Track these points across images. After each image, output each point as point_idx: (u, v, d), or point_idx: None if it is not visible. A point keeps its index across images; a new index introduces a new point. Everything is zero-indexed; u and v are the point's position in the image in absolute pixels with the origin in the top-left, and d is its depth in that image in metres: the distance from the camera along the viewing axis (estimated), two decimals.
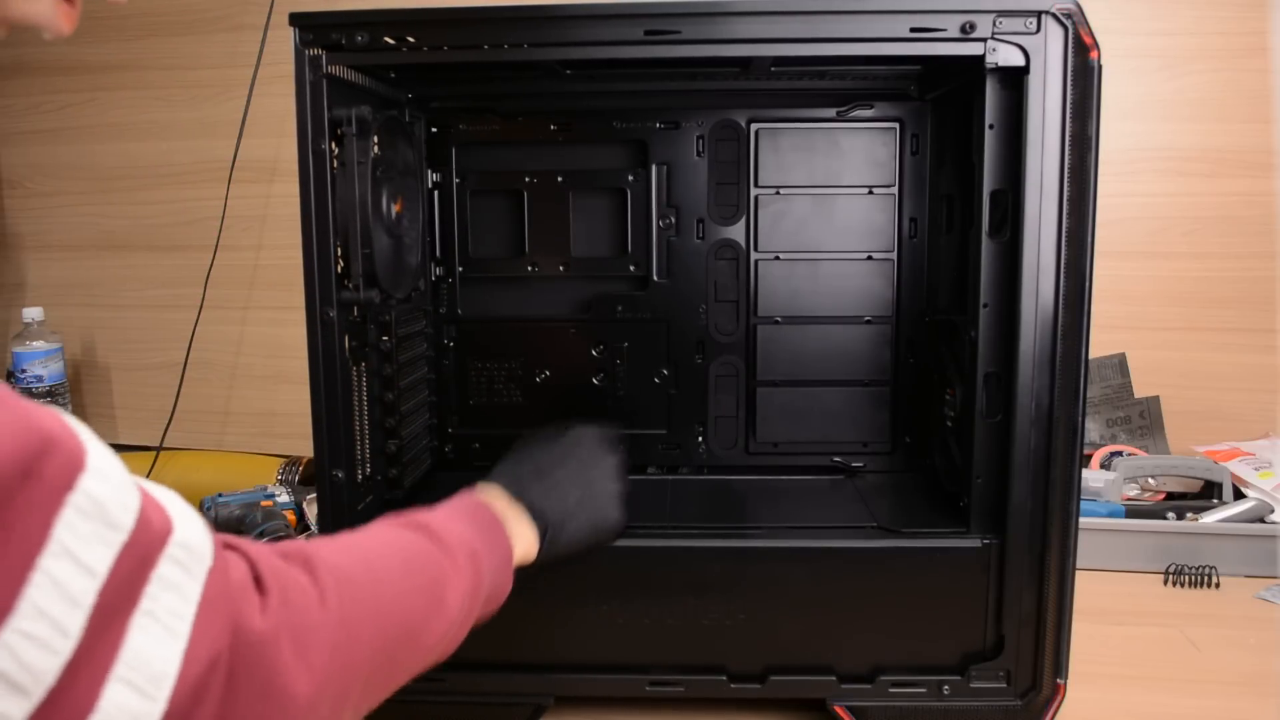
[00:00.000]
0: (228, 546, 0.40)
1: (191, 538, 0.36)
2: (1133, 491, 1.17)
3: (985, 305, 0.72)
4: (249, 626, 0.37)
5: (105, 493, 0.33)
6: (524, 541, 0.63)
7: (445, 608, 0.51)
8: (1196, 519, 1.07)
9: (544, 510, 0.65)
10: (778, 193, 0.91)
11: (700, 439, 0.95)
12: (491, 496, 0.64)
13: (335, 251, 0.73)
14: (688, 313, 0.93)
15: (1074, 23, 0.67)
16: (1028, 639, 0.73)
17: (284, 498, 1.21)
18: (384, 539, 0.52)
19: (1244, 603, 0.99)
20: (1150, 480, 1.18)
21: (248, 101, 1.34)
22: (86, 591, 0.31)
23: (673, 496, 0.88)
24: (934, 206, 0.90)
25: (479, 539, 0.57)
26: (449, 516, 0.58)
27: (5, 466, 0.29)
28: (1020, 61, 0.68)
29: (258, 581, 0.39)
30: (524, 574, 0.63)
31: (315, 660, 0.40)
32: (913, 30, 0.68)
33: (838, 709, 0.74)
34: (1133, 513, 1.10)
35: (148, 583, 0.34)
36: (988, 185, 0.72)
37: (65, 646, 0.30)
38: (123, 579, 0.33)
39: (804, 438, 0.94)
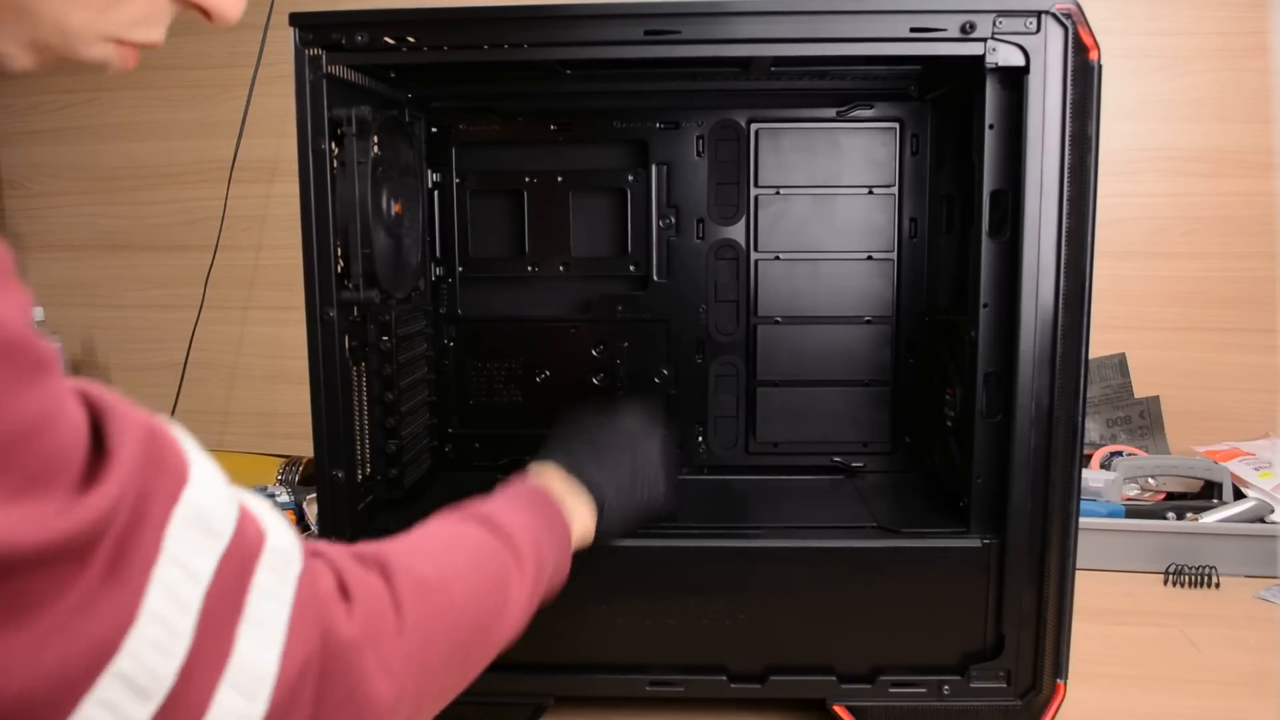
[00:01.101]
0: (314, 554, 0.41)
1: (284, 545, 0.38)
2: (1133, 491, 1.17)
3: (985, 305, 0.72)
4: (337, 632, 0.38)
5: (207, 504, 0.34)
6: (581, 521, 0.63)
7: (512, 603, 0.52)
8: (1196, 519, 1.07)
9: (601, 486, 0.66)
10: (778, 193, 0.91)
11: (700, 439, 0.95)
12: (549, 477, 0.64)
13: (335, 251, 0.73)
14: (688, 313, 0.93)
15: (1074, 23, 0.67)
16: (1028, 639, 0.73)
17: (284, 498, 1.21)
18: (452, 537, 0.53)
19: (1244, 603, 0.99)
20: (1150, 480, 1.18)
21: (248, 101, 1.34)
22: (193, 597, 0.33)
23: None
24: (934, 206, 0.90)
25: (542, 529, 0.58)
26: (511, 507, 0.58)
27: (126, 485, 0.31)
28: (1020, 61, 0.68)
29: (343, 589, 0.41)
30: (581, 555, 0.64)
31: (395, 666, 0.41)
32: (913, 30, 0.68)
33: (838, 709, 0.74)
34: (1133, 513, 1.10)
35: (249, 591, 0.35)
36: (988, 185, 0.72)
37: (179, 649, 0.32)
38: (225, 586, 0.34)
39: (804, 438, 0.94)
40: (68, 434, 0.30)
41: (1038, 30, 0.67)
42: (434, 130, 0.92)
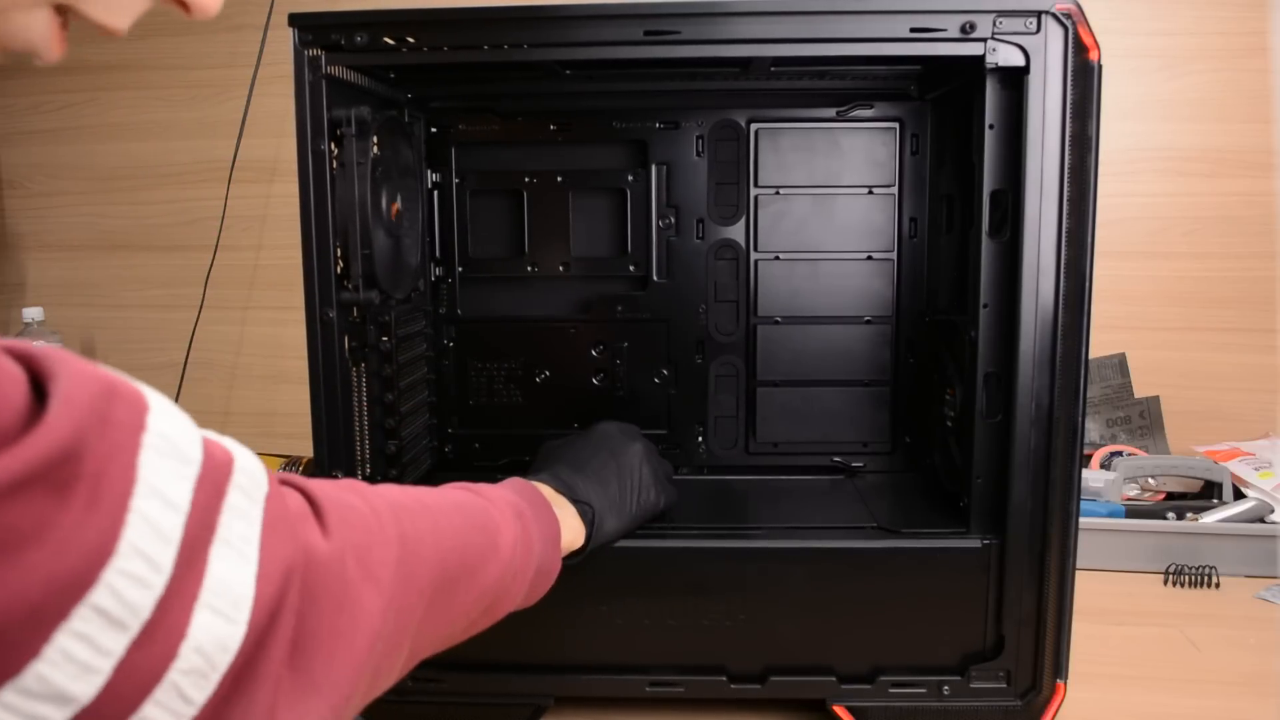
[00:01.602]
0: (282, 482, 0.42)
1: (251, 465, 0.38)
2: (1133, 491, 1.17)
3: (985, 305, 0.72)
4: (315, 546, 0.39)
5: (173, 430, 0.34)
6: (570, 529, 0.64)
7: (499, 550, 0.53)
8: (1196, 519, 1.07)
9: (589, 498, 0.67)
10: (778, 193, 0.91)
11: (700, 439, 0.95)
12: (537, 487, 0.65)
13: (335, 252, 0.73)
14: (688, 313, 0.93)
15: (1074, 23, 0.67)
16: (1028, 639, 0.73)
17: None
18: (431, 489, 0.53)
19: (1244, 603, 0.99)
20: (1150, 480, 1.18)
21: (248, 101, 1.34)
22: (175, 527, 0.32)
23: None
24: (934, 206, 0.90)
25: (526, 506, 0.59)
26: (494, 486, 0.59)
27: (84, 415, 0.30)
28: (1020, 61, 0.68)
29: (315, 508, 0.41)
30: (575, 564, 0.65)
31: (381, 574, 0.41)
32: (913, 30, 0.68)
33: (838, 709, 0.74)
34: (1133, 513, 1.10)
35: (221, 512, 0.35)
36: (988, 185, 0.72)
37: (159, 581, 0.31)
38: (201, 511, 0.34)
39: (804, 438, 0.94)
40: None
41: (1038, 30, 0.67)
42: (434, 130, 0.92)
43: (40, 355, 0.32)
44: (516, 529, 0.55)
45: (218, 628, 0.33)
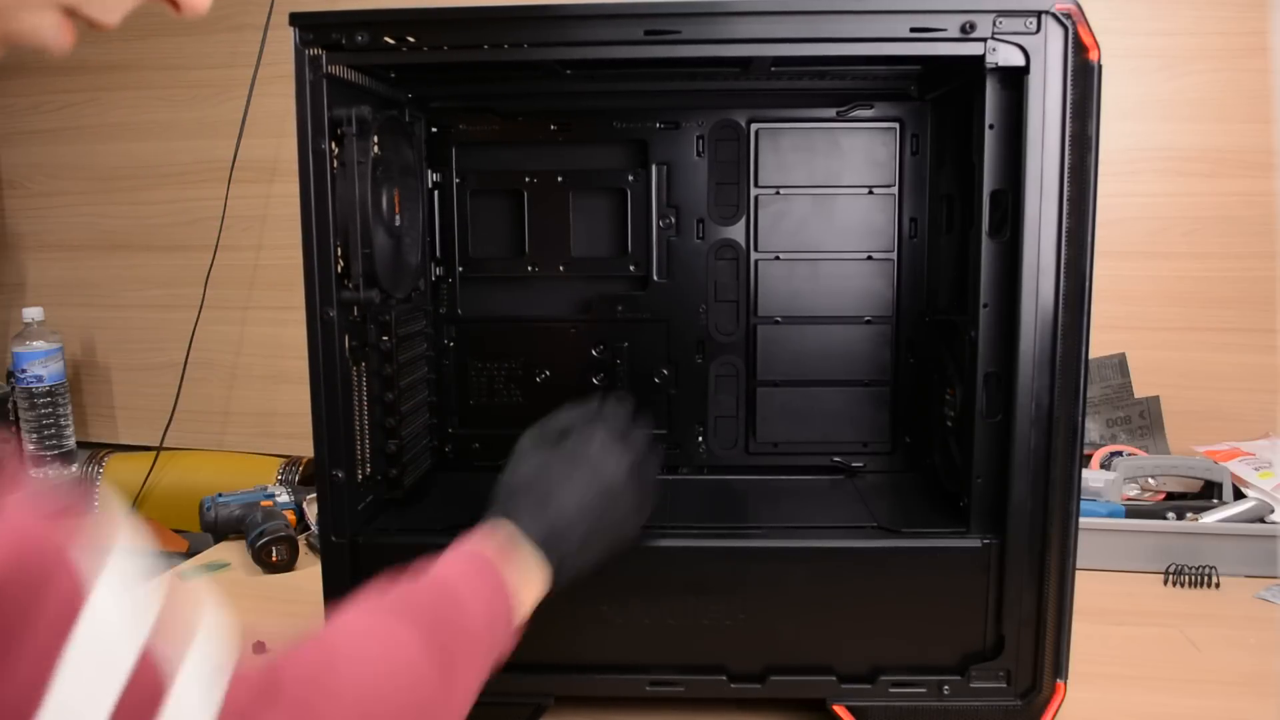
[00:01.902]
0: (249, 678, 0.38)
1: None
2: (1133, 491, 1.17)
3: (985, 305, 0.72)
4: None
5: (104, 635, 0.32)
6: (533, 585, 0.60)
7: (455, 680, 0.49)
8: (1196, 519, 1.07)
9: (551, 544, 0.61)
10: (778, 193, 0.91)
11: (700, 439, 0.95)
12: (497, 539, 0.60)
13: (335, 251, 0.73)
14: (688, 313, 0.93)
15: (1074, 23, 0.67)
16: (1028, 639, 0.73)
17: (284, 498, 1.21)
18: (377, 654, 0.48)
19: (1244, 603, 0.99)
20: (1150, 480, 1.18)
21: (248, 101, 1.34)
22: None
23: (673, 496, 0.88)
24: (934, 206, 0.90)
25: (485, 614, 0.54)
26: (452, 589, 0.54)
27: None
28: (1020, 61, 0.68)
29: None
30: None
31: None
32: (913, 30, 0.68)
33: (838, 709, 0.74)
34: (1133, 513, 1.10)
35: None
36: (988, 185, 0.72)
37: None
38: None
39: (804, 438, 0.94)
40: None
41: (1038, 30, 0.67)
42: (434, 130, 0.92)
43: None
44: (466, 691, 0.51)
45: None
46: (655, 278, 0.92)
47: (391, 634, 0.49)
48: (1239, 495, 1.12)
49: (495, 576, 0.57)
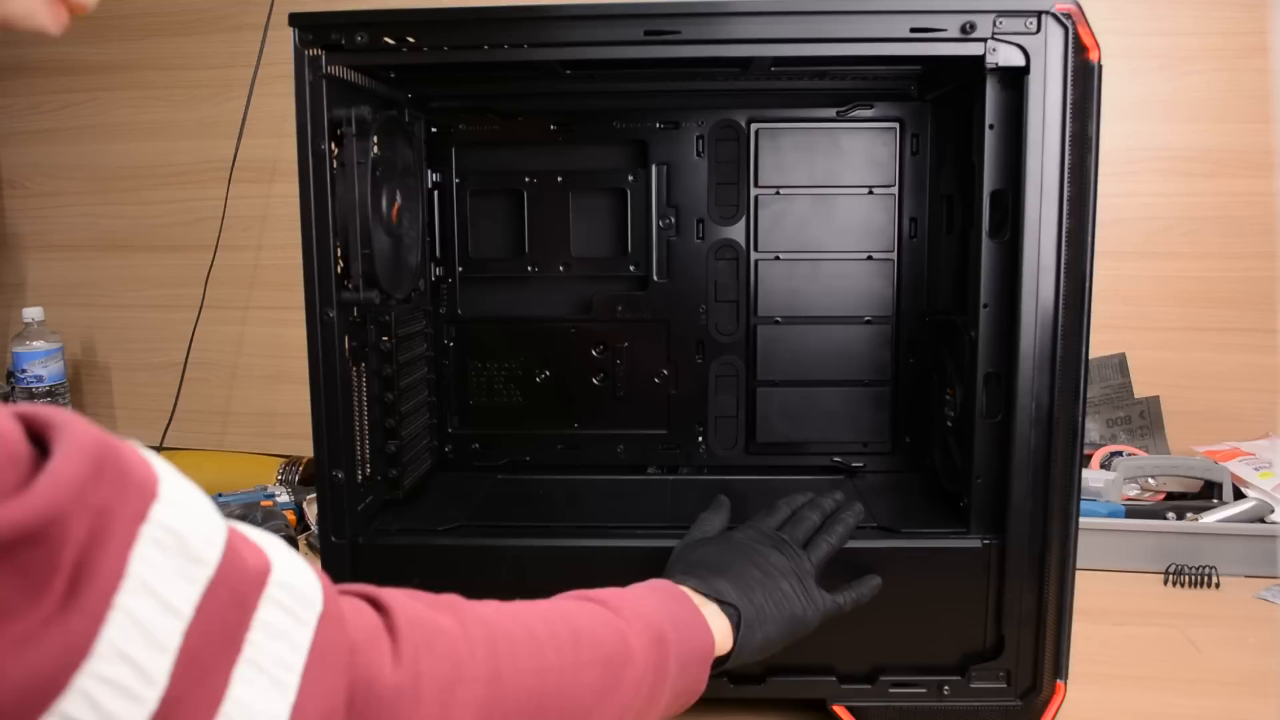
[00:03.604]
0: (358, 594, 0.37)
1: (297, 580, 0.34)
2: (1133, 491, 1.17)
3: (985, 305, 0.72)
4: (378, 679, 0.34)
5: (183, 524, 0.30)
6: (720, 632, 0.57)
7: (622, 686, 0.46)
8: (1196, 519, 1.07)
9: (735, 601, 0.59)
10: (778, 193, 0.91)
11: (700, 439, 0.95)
12: (683, 589, 0.59)
13: (335, 252, 0.73)
14: (688, 313, 0.93)
15: (1074, 23, 0.67)
16: (1028, 639, 0.73)
17: (284, 498, 1.21)
18: (555, 606, 0.48)
19: (1244, 603, 0.99)
20: (1150, 480, 1.18)
21: (248, 101, 1.34)
22: (171, 633, 0.29)
23: (673, 496, 0.88)
24: (934, 206, 0.90)
25: (670, 626, 0.52)
26: (639, 595, 0.53)
27: (67, 495, 0.26)
28: (1020, 62, 0.68)
29: (389, 627, 0.37)
30: (716, 667, 0.58)
31: (460, 715, 0.37)
32: (913, 30, 0.68)
33: (838, 709, 0.74)
34: (1133, 513, 1.10)
35: (249, 628, 0.31)
36: (988, 185, 0.72)
37: (150, 695, 0.28)
38: (213, 621, 0.30)
39: (804, 438, 0.94)
40: None
41: (1038, 30, 0.67)
42: (434, 130, 0.92)
43: (47, 419, 0.29)
44: (652, 658, 0.49)
45: None
46: (655, 278, 0.92)
47: (567, 601, 0.48)
48: (1239, 495, 1.12)
49: (683, 595, 0.55)
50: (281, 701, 0.31)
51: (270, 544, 0.34)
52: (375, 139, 0.75)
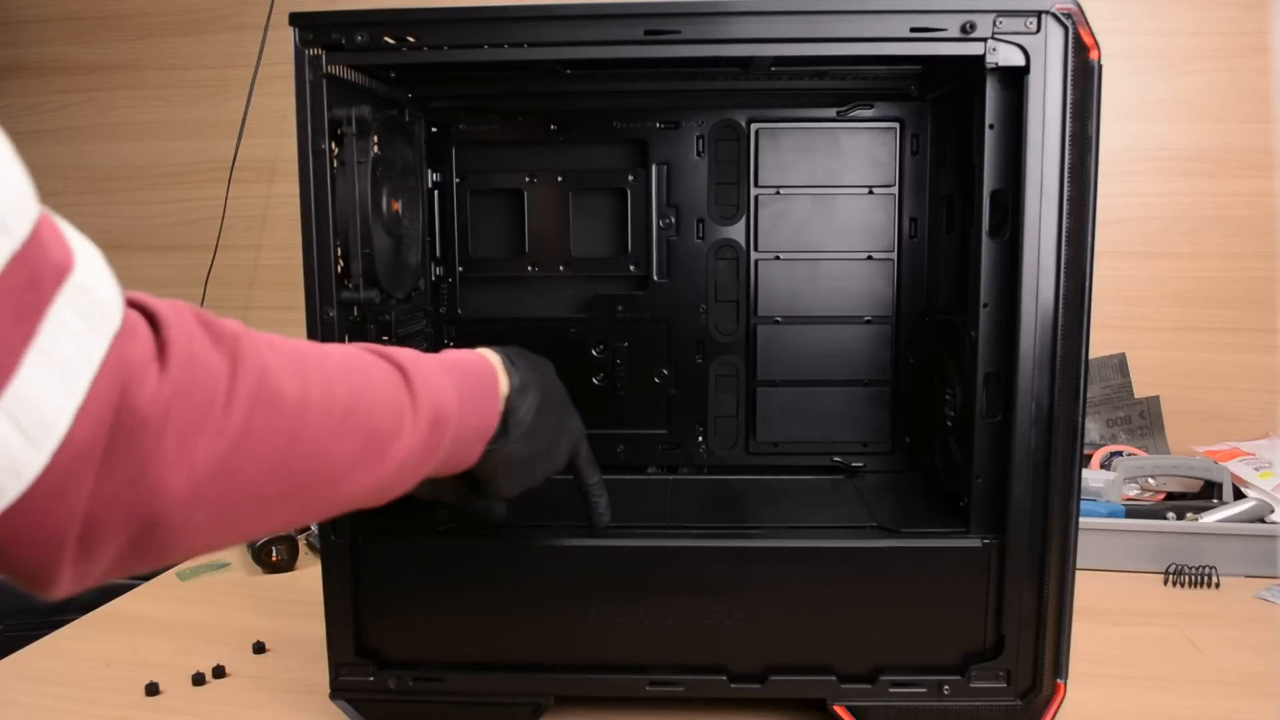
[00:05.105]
0: (143, 307, 0.36)
1: (96, 286, 0.33)
2: (1133, 491, 1.17)
3: (985, 305, 0.72)
4: (134, 399, 0.33)
5: None
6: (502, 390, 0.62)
7: (384, 461, 0.46)
8: (1196, 519, 1.07)
9: (517, 365, 0.64)
10: (778, 193, 0.91)
11: (700, 439, 0.95)
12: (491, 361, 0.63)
13: (335, 251, 0.73)
14: (688, 313, 0.93)
15: (1074, 23, 0.67)
16: (1028, 639, 0.73)
17: None
18: (349, 362, 0.47)
19: (1244, 603, 0.99)
20: (1150, 480, 1.18)
21: (248, 101, 1.34)
22: None
23: (673, 496, 0.88)
24: (934, 206, 0.90)
25: (458, 401, 0.54)
26: (439, 369, 0.54)
27: None
28: (1020, 61, 0.68)
29: (163, 352, 0.35)
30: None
31: (198, 464, 0.35)
32: (913, 30, 0.68)
33: (838, 709, 0.74)
34: (1133, 513, 1.10)
35: (43, 319, 0.30)
36: (988, 185, 0.72)
37: None
38: (11, 297, 0.29)
39: (804, 438, 0.94)
40: None
41: (1038, 30, 0.67)
42: (434, 130, 0.92)
43: None
44: (423, 436, 0.49)
45: (14, 444, 0.29)
46: (655, 278, 0.92)
47: (363, 357, 0.49)
48: (1239, 495, 1.12)
49: (485, 368, 0.60)
50: (69, 400, 0.30)
51: (79, 244, 0.34)
52: (375, 139, 0.75)
